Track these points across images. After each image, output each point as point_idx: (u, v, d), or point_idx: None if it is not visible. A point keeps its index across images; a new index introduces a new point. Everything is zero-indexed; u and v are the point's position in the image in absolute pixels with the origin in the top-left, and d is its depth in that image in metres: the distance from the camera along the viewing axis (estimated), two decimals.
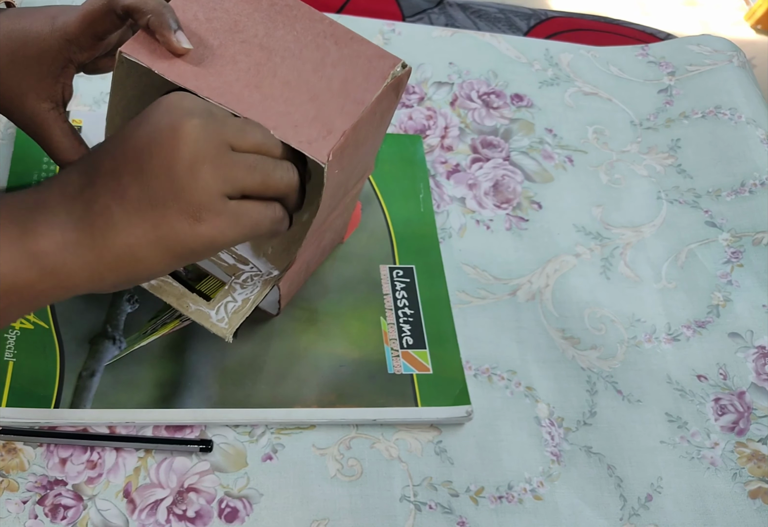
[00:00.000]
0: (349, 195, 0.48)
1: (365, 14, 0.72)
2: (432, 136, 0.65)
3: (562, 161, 0.65)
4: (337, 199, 0.45)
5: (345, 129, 0.38)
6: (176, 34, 0.38)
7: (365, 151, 0.44)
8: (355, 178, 0.47)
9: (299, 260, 0.46)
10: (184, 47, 0.38)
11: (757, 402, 0.54)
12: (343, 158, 0.39)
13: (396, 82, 0.41)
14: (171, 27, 0.38)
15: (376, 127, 0.43)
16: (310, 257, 0.49)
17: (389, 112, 0.44)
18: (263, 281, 0.46)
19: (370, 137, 0.43)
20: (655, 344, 0.57)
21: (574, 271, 0.59)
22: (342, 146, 0.38)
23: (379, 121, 0.43)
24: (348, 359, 0.51)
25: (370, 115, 0.40)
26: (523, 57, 0.71)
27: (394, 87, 0.41)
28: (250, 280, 0.46)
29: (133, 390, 0.47)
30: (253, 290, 0.45)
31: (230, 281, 0.46)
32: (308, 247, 0.46)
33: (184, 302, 0.44)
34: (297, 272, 0.47)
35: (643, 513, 0.49)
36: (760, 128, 0.67)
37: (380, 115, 0.42)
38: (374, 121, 0.41)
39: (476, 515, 0.48)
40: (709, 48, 0.73)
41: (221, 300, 0.45)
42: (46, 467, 0.45)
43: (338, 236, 0.54)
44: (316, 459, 0.48)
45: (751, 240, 0.62)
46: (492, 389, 0.53)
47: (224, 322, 0.44)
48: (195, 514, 0.45)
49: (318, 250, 0.50)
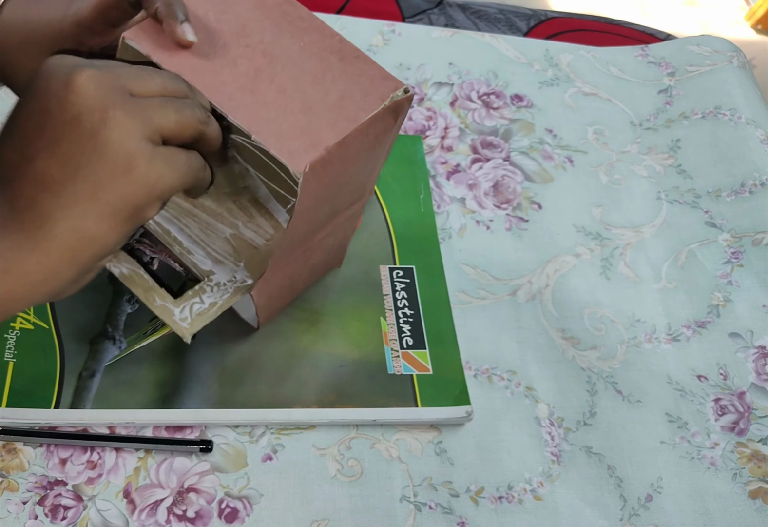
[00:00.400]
0: (341, 216, 0.46)
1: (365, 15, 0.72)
2: (432, 136, 0.65)
3: (562, 161, 0.65)
4: (322, 217, 0.43)
5: (329, 144, 0.37)
6: (182, 25, 0.38)
7: (357, 172, 0.43)
8: (346, 199, 0.45)
9: (279, 274, 0.45)
10: (188, 39, 0.38)
11: (758, 402, 0.54)
12: (325, 174, 0.38)
13: (395, 105, 0.40)
14: (178, 17, 0.38)
15: (370, 150, 0.42)
16: (294, 272, 0.47)
17: (386, 137, 0.42)
18: (235, 288, 0.45)
19: (361, 158, 0.41)
20: (655, 344, 0.57)
21: (574, 271, 0.59)
22: (323, 160, 0.37)
23: (373, 144, 0.41)
24: (348, 359, 0.51)
25: (361, 135, 0.39)
26: (523, 57, 0.71)
27: (392, 110, 0.40)
28: (223, 285, 0.45)
29: (133, 391, 0.47)
30: (223, 295, 0.45)
31: (202, 283, 0.45)
32: (291, 261, 0.45)
33: (150, 295, 0.44)
34: (278, 286, 0.47)
35: (643, 513, 0.49)
36: (760, 129, 0.67)
37: (374, 137, 0.40)
38: (366, 143, 0.40)
39: (476, 515, 0.48)
40: (709, 48, 0.73)
41: (188, 300, 0.44)
42: (46, 467, 0.45)
43: (333, 259, 0.53)
44: (316, 459, 0.48)
45: (751, 240, 0.62)
46: (492, 390, 0.53)
47: (186, 322, 0.43)
48: (195, 514, 0.45)
49: (306, 268, 0.49)
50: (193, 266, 0.46)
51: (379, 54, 0.69)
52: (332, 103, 0.38)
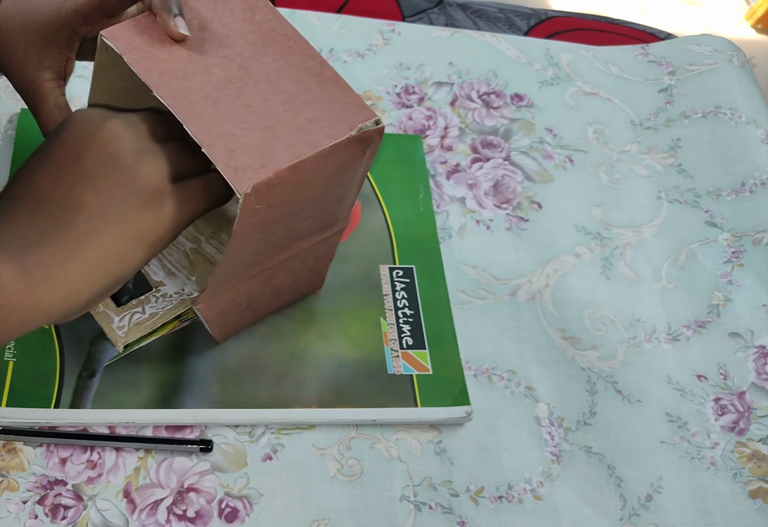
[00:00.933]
0: (308, 241, 0.45)
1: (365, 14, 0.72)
2: (432, 136, 0.65)
3: (562, 160, 0.65)
4: (275, 239, 0.42)
5: (280, 167, 0.36)
6: (175, 19, 0.38)
7: (318, 199, 0.41)
8: (312, 224, 0.44)
9: (233, 291, 0.44)
10: (180, 33, 0.38)
11: (758, 402, 0.54)
12: (272, 196, 0.37)
13: (363, 136, 0.38)
14: (172, 11, 0.38)
15: (332, 178, 0.40)
16: (252, 291, 0.46)
17: (352, 167, 0.40)
18: (180, 300, 0.44)
19: (320, 186, 0.40)
20: (655, 344, 0.56)
21: (574, 271, 0.59)
22: (270, 182, 0.35)
23: (335, 172, 0.39)
24: (348, 359, 0.51)
25: (320, 163, 0.37)
26: (523, 57, 0.71)
27: (360, 141, 0.38)
28: (169, 296, 0.45)
29: (133, 390, 0.47)
30: (166, 306, 0.44)
31: (148, 293, 0.45)
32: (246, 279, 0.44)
33: None
34: (233, 303, 0.46)
35: (643, 513, 0.49)
36: (760, 128, 0.67)
37: (337, 165, 0.39)
38: (327, 171, 0.39)
39: (476, 515, 0.48)
40: (710, 48, 0.73)
41: (131, 309, 0.44)
42: (46, 467, 0.45)
43: (308, 283, 0.52)
44: (316, 459, 0.48)
45: (751, 240, 0.62)
46: (492, 390, 0.53)
47: (123, 330, 0.43)
48: (195, 514, 0.45)
49: (266, 288, 0.47)
50: (146, 274, 0.46)
51: (379, 54, 0.69)
52: (297, 125, 0.37)
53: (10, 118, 0.57)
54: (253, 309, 0.49)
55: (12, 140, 0.56)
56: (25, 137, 0.55)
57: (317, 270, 0.51)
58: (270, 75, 0.39)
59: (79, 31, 0.43)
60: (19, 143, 0.55)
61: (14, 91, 0.58)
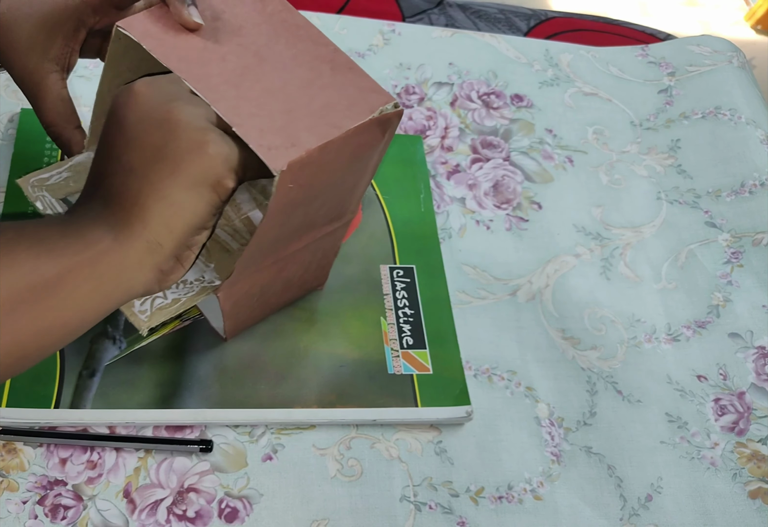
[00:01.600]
0: (319, 231, 0.46)
1: (365, 14, 0.72)
2: (432, 136, 0.65)
3: (562, 161, 0.65)
4: (296, 224, 0.42)
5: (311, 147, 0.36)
6: (189, 8, 0.38)
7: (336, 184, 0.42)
8: (323, 213, 0.44)
9: (248, 281, 0.44)
10: (195, 21, 0.38)
11: (757, 402, 0.54)
12: (303, 175, 0.37)
13: (383, 119, 0.39)
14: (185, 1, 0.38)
15: (352, 162, 0.40)
16: (265, 282, 0.47)
17: (370, 152, 0.41)
18: (201, 287, 0.44)
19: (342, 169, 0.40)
20: (655, 344, 0.57)
21: (574, 271, 0.59)
22: (302, 161, 0.36)
23: (356, 155, 0.40)
24: (348, 359, 0.51)
25: (344, 144, 0.38)
26: (523, 57, 0.71)
27: (380, 124, 0.39)
28: (189, 283, 0.44)
29: (133, 390, 0.47)
30: (187, 293, 0.44)
31: None
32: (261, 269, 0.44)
33: None
34: (247, 293, 0.46)
35: (643, 513, 0.49)
36: (759, 129, 0.67)
37: (358, 148, 0.39)
38: (349, 153, 0.39)
39: (476, 515, 0.48)
40: (709, 48, 0.73)
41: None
42: (46, 467, 0.45)
43: (313, 278, 0.52)
44: (316, 459, 0.48)
45: (751, 241, 0.62)
46: (492, 390, 0.53)
47: (145, 315, 0.43)
48: (195, 514, 0.45)
49: (278, 280, 0.48)
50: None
51: (379, 54, 0.69)
52: (316, 109, 0.38)
53: (11, 117, 0.57)
54: (263, 303, 0.49)
55: (13, 139, 0.56)
56: (25, 136, 0.55)
57: (323, 264, 0.51)
58: (285, 62, 0.39)
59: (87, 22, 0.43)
60: (20, 142, 0.55)
61: (15, 90, 0.58)
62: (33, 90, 0.44)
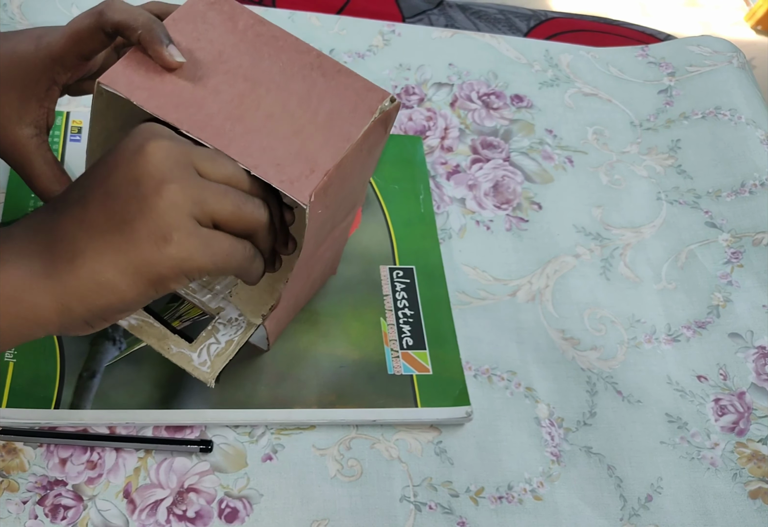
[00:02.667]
0: (338, 229, 0.46)
1: (365, 15, 0.72)
2: (432, 137, 0.65)
3: (562, 161, 0.65)
4: (323, 235, 0.43)
5: (328, 168, 0.36)
6: (168, 48, 0.37)
7: (352, 186, 0.43)
8: (342, 213, 0.45)
9: (287, 296, 0.44)
10: (177, 61, 0.37)
11: (758, 403, 0.54)
12: (327, 197, 0.37)
13: (384, 116, 0.39)
14: (162, 41, 0.37)
15: (363, 162, 0.41)
16: (298, 291, 0.47)
17: (377, 147, 0.42)
18: (248, 322, 0.44)
19: (356, 172, 0.41)
20: (655, 344, 0.57)
21: (574, 272, 0.59)
22: (325, 185, 0.36)
23: (366, 156, 0.41)
24: (348, 360, 0.51)
25: (357, 152, 0.38)
26: (523, 58, 0.71)
27: (383, 121, 0.39)
28: (235, 320, 0.44)
29: (133, 391, 0.47)
30: (237, 330, 0.44)
31: (214, 322, 0.44)
32: (296, 283, 0.44)
33: (165, 343, 0.43)
34: (285, 308, 0.46)
35: (643, 514, 0.49)
36: (760, 129, 0.67)
37: (367, 150, 0.40)
38: (361, 157, 0.40)
39: (476, 515, 0.48)
40: (709, 49, 0.74)
41: (204, 342, 0.43)
42: (46, 467, 0.45)
43: (330, 268, 0.52)
44: (316, 459, 0.48)
45: (751, 241, 0.62)
46: (492, 390, 0.53)
47: (206, 365, 0.42)
48: (195, 514, 0.45)
49: (307, 284, 0.48)
50: (202, 304, 0.45)
51: (379, 54, 0.69)
52: (322, 122, 0.37)
53: None
54: (296, 307, 0.49)
55: None
56: None
57: (338, 252, 0.52)
58: (276, 80, 0.39)
59: (59, 80, 0.41)
60: None
61: None
62: (17, 160, 0.42)
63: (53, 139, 0.55)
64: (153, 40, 0.37)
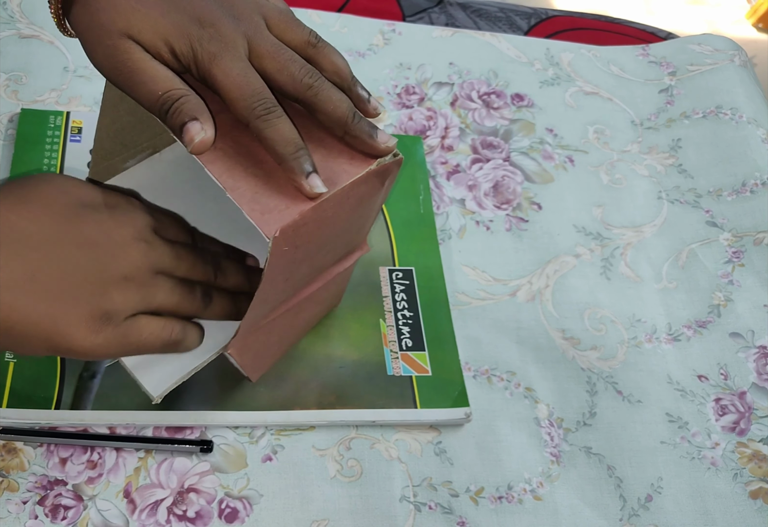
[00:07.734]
0: (330, 272, 0.45)
1: (365, 14, 0.72)
2: (432, 136, 0.65)
3: (563, 161, 0.65)
4: (301, 275, 0.42)
5: (306, 209, 0.35)
6: (309, 179, 0.35)
7: (340, 233, 0.41)
8: (332, 255, 0.44)
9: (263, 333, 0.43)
10: (316, 192, 0.35)
11: (758, 402, 0.54)
12: (298, 237, 0.36)
13: (382, 169, 0.38)
14: (305, 170, 0.35)
15: (353, 212, 0.40)
16: (282, 329, 0.46)
17: (372, 199, 0.40)
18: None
19: (341, 220, 0.39)
20: (655, 344, 0.56)
21: (574, 271, 0.59)
22: (295, 223, 0.35)
23: (357, 205, 0.39)
24: (347, 361, 0.51)
25: (342, 198, 0.37)
26: (524, 56, 0.71)
27: (379, 175, 0.38)
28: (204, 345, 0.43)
29: (134, 392, 0.47)
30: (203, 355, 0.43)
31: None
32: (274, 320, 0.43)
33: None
34: (264, 343, 0.45)
35: (643, 514, 0.49)
36: (761, 128, 0.67)
37: (358, 199, 0.39)
38: (348, 205, 0.38)
39: (476, 515, 0.48)
40: (710, 47, 0.73)
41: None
42: (46, 467, 0.45)
43: (328, 306, 0.52)
44: (316, 459, 0.48)
45: (752, 240, 0.62)
46: (491, 390, 0.53)
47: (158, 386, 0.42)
48: (195, 514, 0.45)
49: (296, 322, 0.47)
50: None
51: (380, 53, 0.69)
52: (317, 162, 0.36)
53: (10, 117, 0.57)
54: (284, 343, 0.49)
55: (13, 139, 0.56)
56: (25, 137, 0.55)
57: (339, 292, 0.51)
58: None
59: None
60: (20, 142, 0.55)
61: (15, 90, 0.58)
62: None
63: (53, 139, 0.55)
64: (294, 170, 0.35)
